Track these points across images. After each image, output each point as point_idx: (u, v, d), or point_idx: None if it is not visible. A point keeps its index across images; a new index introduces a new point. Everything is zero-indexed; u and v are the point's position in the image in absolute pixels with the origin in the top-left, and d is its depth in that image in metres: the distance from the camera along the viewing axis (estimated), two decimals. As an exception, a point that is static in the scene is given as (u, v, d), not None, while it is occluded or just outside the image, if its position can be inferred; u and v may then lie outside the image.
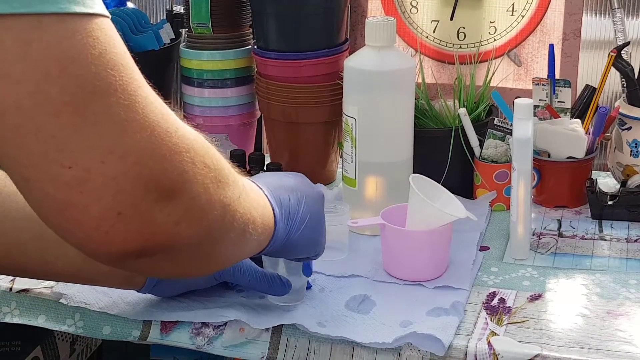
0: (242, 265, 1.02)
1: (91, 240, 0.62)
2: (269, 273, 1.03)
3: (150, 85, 0.65)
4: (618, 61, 1.33)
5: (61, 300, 1.08)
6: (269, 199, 0.89)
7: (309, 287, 1.08)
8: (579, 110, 1.38)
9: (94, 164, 0.59)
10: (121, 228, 0.61)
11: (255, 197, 0.84)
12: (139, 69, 0.64)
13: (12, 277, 1.12)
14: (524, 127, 1.15)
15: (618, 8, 1.42)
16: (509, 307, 1.05)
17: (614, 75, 1.39)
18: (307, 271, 1.06)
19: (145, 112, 0.62)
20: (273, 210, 0.89)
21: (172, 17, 1.61)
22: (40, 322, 1.09)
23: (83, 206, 0.60)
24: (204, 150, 0.69)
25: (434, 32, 1.50)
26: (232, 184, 0.74)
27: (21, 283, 1.11)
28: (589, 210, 1.30)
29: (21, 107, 0.57)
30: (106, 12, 0.62)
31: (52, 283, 1.10)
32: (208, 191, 0.68)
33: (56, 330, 1.10)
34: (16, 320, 1.10)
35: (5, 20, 0.56)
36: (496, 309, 1.04)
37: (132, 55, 0.64)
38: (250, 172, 1.30)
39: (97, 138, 0.59)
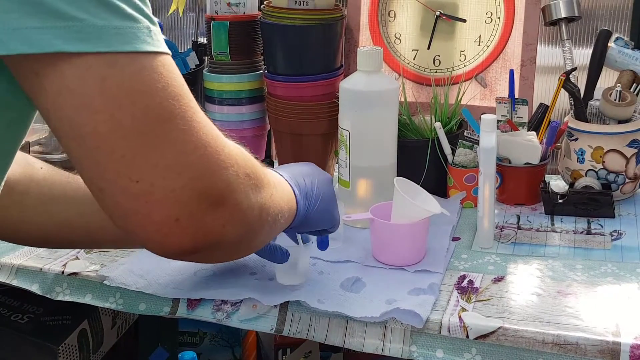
0: None
1: (153, 241, 0.63)
2: (272, 244, 1.03)
3: None
4: (567, 83, 1.33)
5: (105, 282, 1.08)
6: (290, 185, 0.90)
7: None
8: (535, 124, 1.38)
9: (157, 179, 0.60)
10: (178, 232, 0.62)
11: (282, 187, 0.85)
12: None
13: (64, 262, 1.12)
14: (489, 138, 1.15)
15: (567, 39, 1.42)
16: (477, 287, 1.04)
17: (564, 95, 1.39)
18: (322, 246, 1.07)
19: (199, 135, 0.62)
20: (295, 193, 0.90)
21: (196, 46, 1.61)
22: (87, 300, 1.09)
23: (147, 213, 0.61)
24: (245, 162, 0.70)
25: (414, 59, 1.50)
26: (266, 185, 0.75)
27: (71, 267, 1.11)
28: (542, 207, 1.30)
29: (98, 132, 0.58)
30: (167, 50, 0.62)
31: (97, 267, 1.11)
32: (248, 197, 0.69)
33: (100, 307, 1.10)
34: (67, 298, 1.10)
35: (87, 58, 0.57)
36: (466, 289, 1.04)
37: None
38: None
39: (160, 157, 0.60)
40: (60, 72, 0.57)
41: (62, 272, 1.11)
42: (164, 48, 0.62)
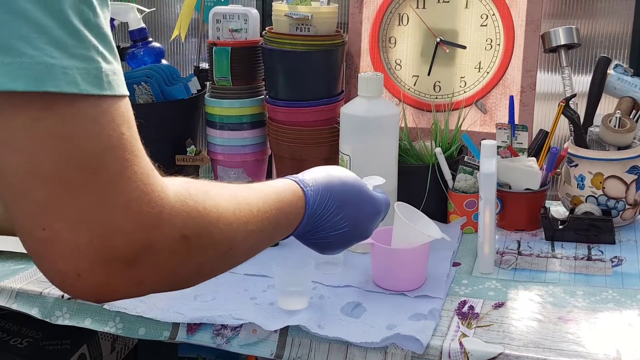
0: None
1: (61, 286, 0.59)
2: None
3: (178, 129, 0.60)
4: (567, 110, 1.34)
5: (104, 306, 1.08)
6: (305, 197, 0.80)
7: None
8: (535, 150, 1.38)
9: (64, 230, 0.56)
10: (80, 286, 0.58)
11: (269, 221, 0.74)
12: (171, 115, 0.60)
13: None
14: (489, 163, 1.15)
15: (566, 66, 1.43)
16: (477, 313, 1.04)
17: (563, 121, 1.39)
18: None
19: (125, 191, 0.58)
20: (306, 201, 0.80)
21: (198, 72, 1.62)
22: (87, 324, 1.09)
23: (52, 261, 0.57)
24: (184, 223, 0.62)
25: (414, 85, 1.50)
26: (216, 243, 0.66)
27: (71, 291, 1.11)
28: (543, 232, 1.30)
29: (17, 172, 0.55)
30: (122, 92, 0.59)
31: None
32: (179, 257, 0.62)
33: (100, 331, 1.09)
34: (67, 322, 1.10)
35: (26, 96, 0.54)
36: (466, 315, 1.04)
37: (164, 105, 0.59)
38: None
39: (72, 209, 0.56)
40: None
41: (62, 296, 1.10)
42: (118, 90, 0.58)
